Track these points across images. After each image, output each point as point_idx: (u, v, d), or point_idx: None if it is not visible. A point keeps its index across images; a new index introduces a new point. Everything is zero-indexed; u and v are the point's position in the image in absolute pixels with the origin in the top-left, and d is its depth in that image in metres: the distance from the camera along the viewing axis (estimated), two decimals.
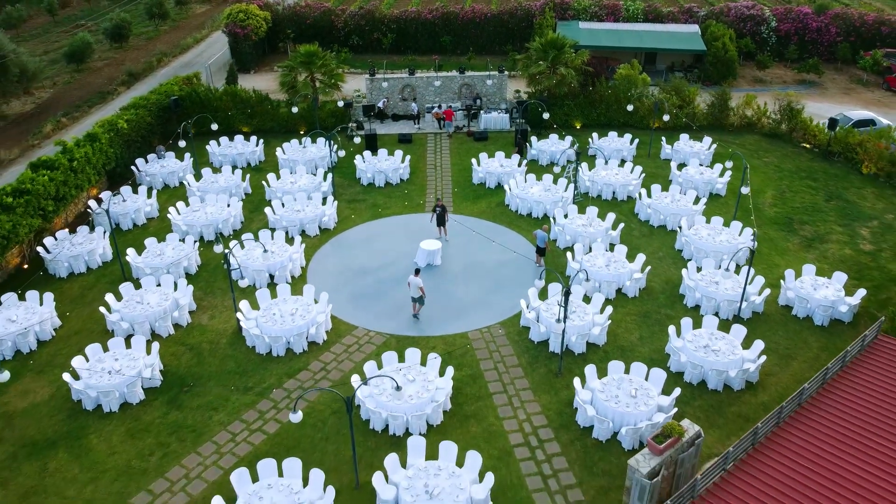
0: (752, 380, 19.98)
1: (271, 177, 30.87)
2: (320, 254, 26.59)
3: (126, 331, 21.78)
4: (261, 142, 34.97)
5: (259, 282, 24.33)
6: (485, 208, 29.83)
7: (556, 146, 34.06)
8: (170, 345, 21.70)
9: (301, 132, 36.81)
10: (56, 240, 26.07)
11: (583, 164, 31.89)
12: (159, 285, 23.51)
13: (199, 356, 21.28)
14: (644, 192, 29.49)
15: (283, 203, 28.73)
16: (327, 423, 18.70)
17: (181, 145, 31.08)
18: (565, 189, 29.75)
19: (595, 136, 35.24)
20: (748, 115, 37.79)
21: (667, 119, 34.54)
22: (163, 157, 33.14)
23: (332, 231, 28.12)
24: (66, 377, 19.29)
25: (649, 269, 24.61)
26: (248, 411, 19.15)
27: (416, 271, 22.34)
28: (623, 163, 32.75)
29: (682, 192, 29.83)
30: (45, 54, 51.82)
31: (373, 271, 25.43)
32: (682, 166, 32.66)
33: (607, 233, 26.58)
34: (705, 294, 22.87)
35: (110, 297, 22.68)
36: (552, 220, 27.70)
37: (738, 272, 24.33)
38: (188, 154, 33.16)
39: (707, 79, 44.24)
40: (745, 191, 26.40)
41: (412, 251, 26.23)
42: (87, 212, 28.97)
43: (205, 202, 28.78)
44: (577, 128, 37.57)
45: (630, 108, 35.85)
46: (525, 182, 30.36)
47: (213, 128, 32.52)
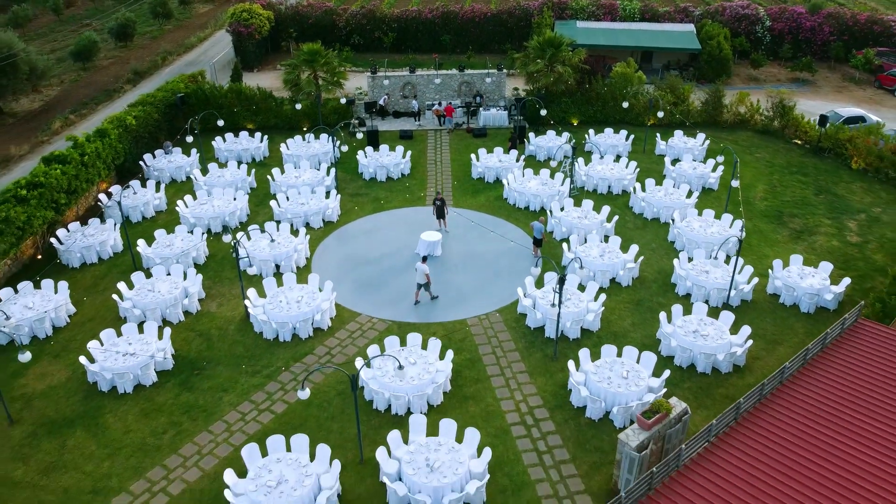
0: (740, 363, 20.85)
1: (276, 171, 31.73)
2: (324, 245, 27.46)
3: (138, 317, 22.64)
4: (265, 138, 35.85)
5: (265, 271, 25.20)
6: (484, 202, 30.69)
7: (554, 142, 34.93)
8: (180, 331, 22.57)
9: (304, 129, 37.67)
10: (68, 231, 26.94)
11: (579, 159, 32.76)
12: (169, 274, 24.36)
13: (209, 341, 22.15)
14: (638, 186, 30.34)
15: (287, 196, 29.58)
16: (332, 404, 19.57)
17: (188, 140, 31.93)
18: (562, 183, 30.61)
19: (591, 132, 36.10)
20: (741, 112, 38.65)
21: (661, 116, 35.39)
22: (170, 153, 34.00)
23: (336, 223, 28.99)
24: (83, 360, 20.17)
25: (642, 258, 25.49)
26: (256, 392, 20.01)
27: (424, 259, 23.26)
28: (618, 158, 33.62)
29: (676, 186, 30.68)
30: (52, 53, 52.65)
31: (375, 261, 26.30)
32: (676, 161, 33.52)
33: (602, 225, 27.44)
34: (696, 283, 23.74)
35: (122, 286, 23.54)
36: (549, 213, 28.56)
37: (729, 262, 25.18)
38: (194, 150, 34.03)
39: (702, 77, 45.12)
40: (734, 184, 27.26)
41: (413, 242, 27.09)
42: (98, 205, 29.83)
43: (212, 195, 29.64)
44: (574, 124, 38.45)
45: (625, 105, 36.72)
46: (523, 176, 31.24)
47: (219, 124, 33.38)
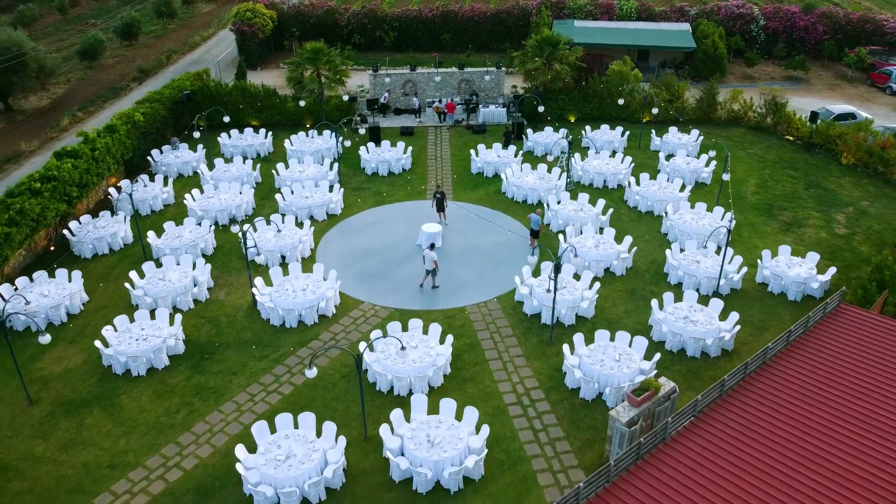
0: (728, 347, 21.72)
1: (280, 166, 32.60)
2: (328, 237, 28.34)
3: (149, 305, 23.51)
4: (269, 134, 36.72)
5: (271, 261, 26.06)
6: (483, 196, 31.57)
7: (551, 138, 35.80)
8: (190, 318, 23.45)
9: (307, 125, 38.53)
10: (80, 224, 27.81)
11: (575, 154, 33.63)
12: (179, 264, 25.22)
13: (218, 327, 23.03)
14: (633, 180, 31.23)
15: (292, 190, 30.45)
16: (337, 385, 20.44)
17: (195, 136, 32.78)
18: (559, 178, 31.48)
19: (588, 128, 36.98)
20: (735, 109, 39.52)
21: (655, 112, 36.25)
22: (177, 148, 34.87)
23: (339, 216, 29.87)
24: (97, 344, 21.05)
25: (635, 249, 26.37)
26: (264, 375, 20.89)
27: (431, 246, 24.18)
28: (614, 154, 34.51)
29: (669, 181, 31.54)
30: (58, 52, 53.45)
31: (377, 253, 27.17)
32: (670, 157, 34.39)
33: (597, 217, 28.31)
34: (687, 272, 24.61)
35: (133, 275, 24.43)
36: (545, 206, 29.43)
37: (719, 253, 26.03)
38: (201, 145, 34.91)
39: (697, 75, 45.97)
40: (725, 177, 28.13)
41: (414, 234, 27.97)
42: (108, 198, 30.70)
43: (218, 189, 30.51)
44: (572, 121, 39.32)
45: (621, 102, 37.59)
46: (521, 171, 32.13)
47: (225, 120, 34.24)
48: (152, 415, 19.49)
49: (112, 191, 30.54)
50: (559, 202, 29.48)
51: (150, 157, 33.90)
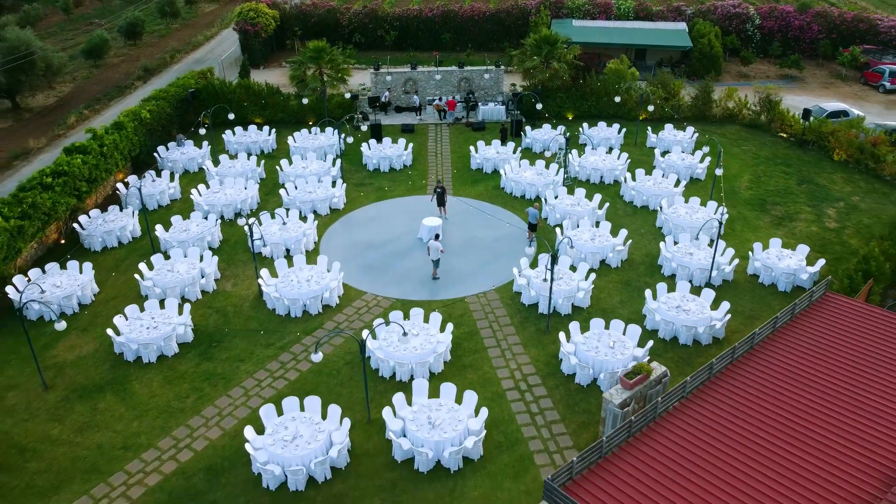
0: (719, 336, 22.45)
1: (284, 162, 33.33)
2: (331, 230, 29.07)
3: (159, 295, 24.23)
4: (273, 131, 37.46)
5: (276, 253, 26.79)
6: (482, 191, 32.30)
7: (549, 135, 36.53)
8: (198, 308, 24.18)
9: (310, 122, 39.25)
10: (90, 217, 28.55)
11: (573, 150, 34.35)
12: (186, 256, 25.95)
13: (225, 317, 23.77)
14: (629, 175, 31.97)
15: (296, 185, 31.17)
16: (341, 372, 21.17)
17: (201, 133, 33.51)
18: (556, 173, 32.21)
19: (585, 125, 37.72)
20: (730, 106, 40.23)
21: (651, 109, 36.96)
22: (183, 145, 35.60)
23: (342, 211, 30.61)
24: (109, 332, 21.78)
25: (630, 242, 27.09)
26: (271, 362, 21.62)
27: (437, 236, 24.91)
28: (610, 150, 35.23)
29: (664, 176, 32.26)
30: (63, 51, 54.10)
31: (379, 246, 27.90)
32: (666, 153, 35.12)
33: (594, 211, 29.04)
34: (680, 263, 25.33)
35: (143, 267, 25.16)
36: (543, 201, 30.16)
37: (712, 245, 26.74)
38: (206, 142, 35.64)
39: (693, 74, 46.68)
40: (718, 172, 28.85)
41: (415, 228, 28.70)
42: (116, 193, 31.43)
43: (224, 185, 31.23)
44: (569, 118, 40.05)
45: (618, 100, 38.32)
46: (519, 167, 32.86)
47: (230, 117, 34.97)
48: (163, 399, 20.22)
49: (120, 186, 31.27)
50: (556, 197, 30.21)
51: (156, 154, 34.63)
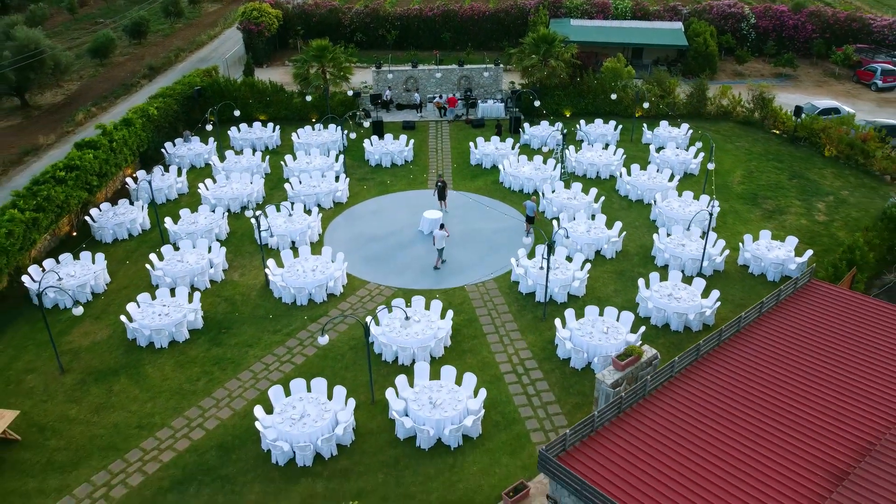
0: (709, 323, 23.33)
1: (288, 158, 34.21)
2: (335, 223, 29.96)
3: (169, 284, 25.08)
4: (277, 128, 38.34)
5: (282, 245, 27.66)
6: (482, 185, 33.19)
7: (547, 132, 37.42)
8: (207, 296, 25.05)
9: (313, 119, 40.13)
10: (101, 211, 29.42)
11: (570, 146, 35.24)
12: (195, 247, 26.82)
13: (234, 305, 24.64)
14: (624, 171, 32.85)
15: (300, 180, 32.04)
16: (346, 356, 22.05)
17: (208, 129, 34.39)
18: (553, 168, 33.09)
19: (582, 122, 38.60)
20: (724, 104, 41.11)
21: (646, 106, 37.84)
22: (189, 141, 36.47)
23: (345, 204, 31.49)
24: (123, 319, 22.67)
25: (625, 234, 27.97)
26: (278, 347, 22.50)
27: (441, 226, 25.83)
28: (607, 146, 36.11)
29: (659, 171, 33.14)
30: (69, 50, 54.99)
31: (382, 238, 28.78)
32: (661, 149, 35.99)
33: (590, 205, 29.90)
34: (673, 254, 26.21)
35: (153, 257, 26.04)
36: (541, 194, 31.04)
37: (704, 237, 27.60)
38: (212, 138, 36.52)
39: (689, 72, 47.55)
40: (710, 166, 29.73)
41: (416, 221, 29.58)
42: (125, 188, 32.31)
43: (230, 179, 32.11)
44: (567, 116, 40.93)
45: (614, 97, 39.21)
46: (518, 162, 33.75)
47: (236, 114, 35.87)
48: (175, 382, 21.10)
49: (129, 181, 32.15)
50: (554, 191, 31.08)
51: (163, 150, 35.50)
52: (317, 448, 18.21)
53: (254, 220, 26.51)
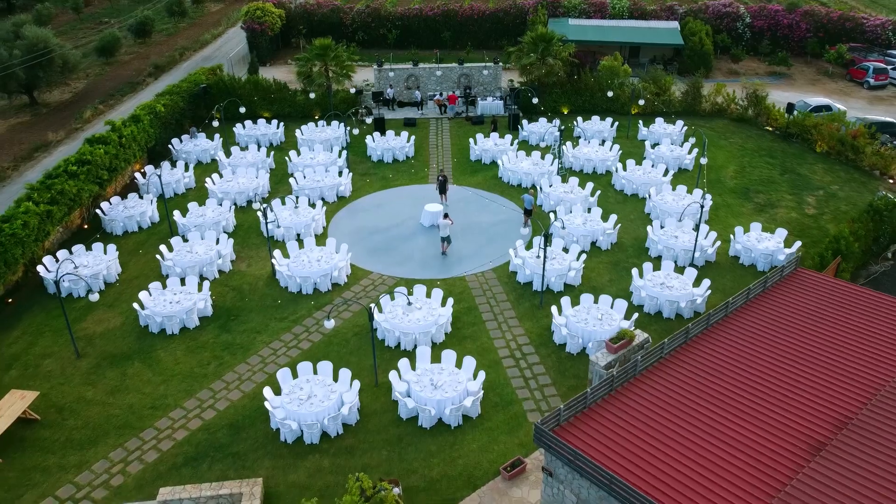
0: (700, 310, 24.21)
1: (293, 153, 35.10)
2: (338, 216, 30.84)
3: (179, 274, 25.95)
4: (281, 124, 39.23)
5: (287, 236, 28.54)
6: (481, 180, 34.08)
7: (545, 128, 38.30)
8: (216, 286, 25.92)
9: (316, 116, 41.02)
10: (111, 204, 30.31)
11: (567, 142, 36.12)
12: (203, 239, 27.69)
13: (241, 294, 25.53)
14: (620, 166, 33.74)
15: (304, 175, 32.92)
16: (350, 342, 22.94)
17: (214, 125, 35.27)
18: (551, 164, 33.99)
19: (580, 119, 39.48)
20: (718, 102, 41.99)
21: (642, 103, 38.72)
22: (195, 137, 37.36)
23: (348, 198, 32.38)
24: (135, 306, 23.56)
25: (620, 226, 28.86)
26: (285, 334, 23.38)
27: (445, 215, 26.80)
28: (603, 142, 37.00)
29: (654, 166, 34.02)
30: (76, 48, 55.91)
31: (384, 230, 29.67)
32: (656, 145, 36.87)
33: (586, 199, 30.79)
34: (666, 245, 27.09)
35: (163, 248, 26.92)
36: (538, 189, 31.93)
37: (698, 230, 28.48)
38: (217, 134, 37.42)
39: (685, 70, 48.46)
40: (703, 161, 30.64)
41: (417, 214, 30.47)
42: (133, 182, 33.19)
43: (236, 174, 33.00)
44: (565, 113, 41.81)
45: (610, 95, 40.09)
46: (516, 158, 34.64)
47: (242, 110, 36.77)
48: (187, 366, 21.98)
49: (138, 175, 33.03)
50: (551, 185, 31.96)
51: (170, 146, 36.38)
52: (323, 427, 19.09)
53: (260, 214, 27.40)
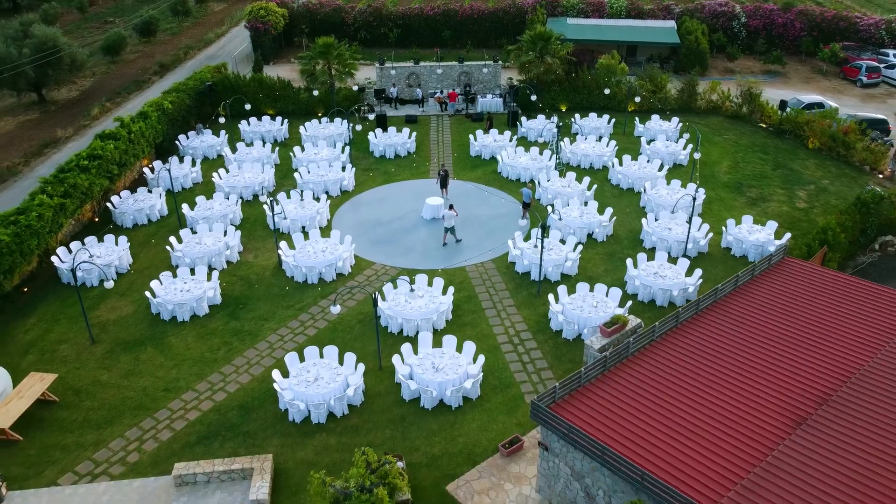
0: (692, 298, 25.04)
1: (297, 149, 35.96)
2: (342, 210, 31.71)
3: (188, 264, 26.83)
4: (285, 121, 40.10)
5: (293, 228, 29.40)
6: (481, 175, 34.95)
7: (543, 124, 39.17)
8: (224, 276, 26.78)
9: (319, 114, 41.88)
10: (121, 198, 31.18)
11: (564, 139, 37.00)
12: (211, 231, 28.56)
13: (249, 284, 26.39)
14: (616, 161, 34.60)
15: (308, 170, 33.79)
16: (354, 329, 23.80)
17: (221, 121, 36.13)
18: (549, 159, 34.85)
19: (577, 116, 40.35)
20: (713, 99, 42.85)
21: (638, 101, 39.56)
22: (202, 134, 38.23)
23: (351, 192, 33.25)
24: (147, 294, 24.43)
25: (615, 219, 29.72)
26: (291, 321, 24.25)
27: (451, 206, 27.76)
28: (600, 139, 37.87)
29: (649, 161, 34.88)
30: (82, 47, 56.79)
31: (387, 223, 30.53)
32: (651, 141, 37.73)
33: (583, 193, 31.65)
34: (660, 237, 27.96)
35: (172, 240, 27.80)
36: (536, 183, 32.80)
37: (691, 222, 29.35)
38: (223, 131, 38.28)
39: (681, 69, 49.32)
40: (696, 156, 31.51)
41: (419, 207, 31.34)
42: (142, 177, 34.07)
43: (242, 169, 33.87)
44: (563, 110, 42.68)
45: (607, 92, 40.95)
46: (515, 153, 35.51)
47: (247, 107, 37.63)
48: (197, 351, 22.85)
49: (146, 170, 33.90)
50: (549, 180, 32.83)
51: (177, 142, 37.25)
52: (329, 407, 19.95)
53: (266, 207, 28.25)
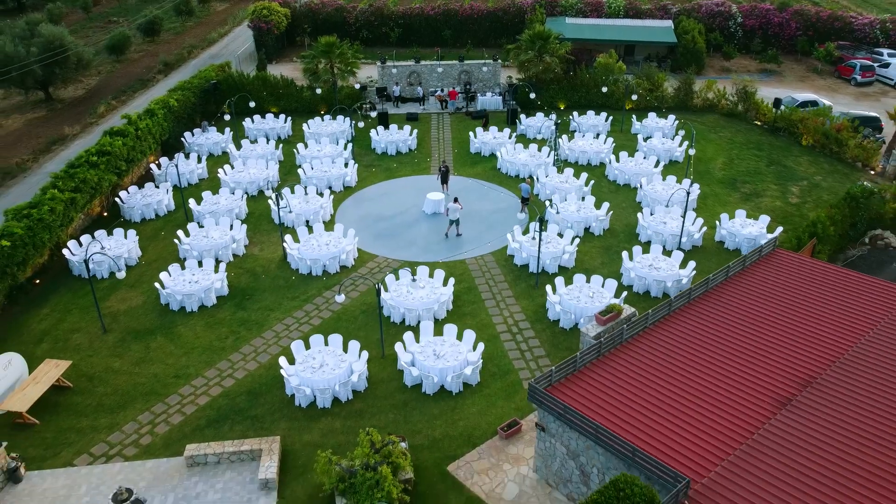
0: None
1: (300, 146, 36.70)
2: (345, 205, 32.44)
3: (196, 257, 27.56)
4: (289, 119, 40.84)
5: (297, 223, 30.14)
6: (481, 171, 35.68)
7: (542, 122, 39.90)
8: (231, 268, 27.51)
9: (321, 112, 42.61)
10: (129, 193, 31.91)
11: (563, 136, 37.73)
12: (218, 224, 29.29)
13: (255, 276, 27.13)
14: (613, 158, 35.34)
15: (312, 166, 34.53)
16: (358, 319, 24.54)
17: (226, 119, 36.86)
18: (547, 155, 35.59)
19: (575, 114, 41.09)
20: (709, 97, 43.59)
21: (635, 98, 40.29)
22: (207, 131, 38.96)
23: (354, 188, 33.99)
24: (156, 286, 25.17)
25: (611, 213, 30.46)
26: (297, 311, 24.98)
27: (455, 199, 28.66)
28: (598, 136, 38.60)
29: (645, 158, 35.62)
30: (87, 47, 57.50)
31: (389, 218, 31.26)
32: (648, 139, 38.45)
33: (581, 188, 32.39)
34: (655, 231, 28.69)
35: (180, 233, 28.53)
36: (535, 179, 33.54)
37: (685, 217, 30.08)
38: (228, 128, 39.01)
39: (678, 68, 50.05)
40: (691, 152, 32.27)
41: (420, 202, 32.08)
42: (149, 173, 34.79)
43: (247, 165, 34.60)
44: (561, 108, 43.42)
45: (605, 90, 41.69)
46: (514, 150, 36.24)
47: (251, 105, 38.38)
48: (206, 340, 23.59)
49: (153, 167, 34.64)
50: (547, 176, 33.56)
51: (183, 139, 37.98)
52: (335, 392, 20.68)
53: (271, 202, 28.97)
